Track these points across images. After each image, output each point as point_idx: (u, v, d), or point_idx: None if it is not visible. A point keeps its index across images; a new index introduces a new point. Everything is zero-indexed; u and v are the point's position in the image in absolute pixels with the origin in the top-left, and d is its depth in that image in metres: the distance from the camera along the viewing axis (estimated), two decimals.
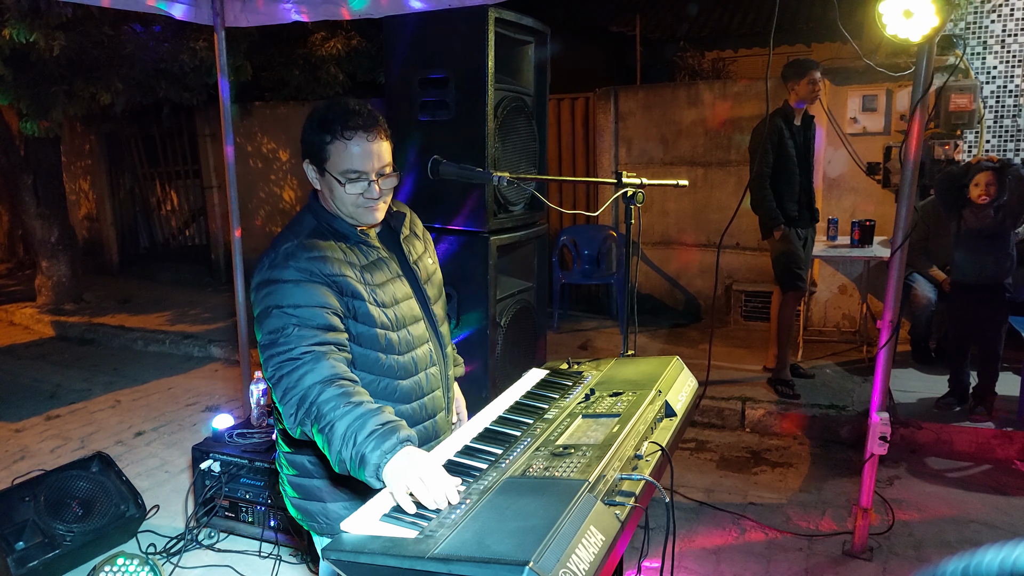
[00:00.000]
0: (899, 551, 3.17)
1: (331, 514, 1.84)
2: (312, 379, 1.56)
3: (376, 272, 1.79)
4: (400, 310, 1.81)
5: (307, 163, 1.77)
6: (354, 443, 1.48)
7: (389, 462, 1.44)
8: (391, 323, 1.78)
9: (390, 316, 1.77)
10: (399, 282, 1.84)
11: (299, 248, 1.70)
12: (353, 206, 1.75)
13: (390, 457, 1.45)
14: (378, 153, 1.72)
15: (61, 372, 6.07)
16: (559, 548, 1.16)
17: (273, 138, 8.37)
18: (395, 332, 1.79)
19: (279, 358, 1.60)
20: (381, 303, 1.76)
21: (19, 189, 7.32)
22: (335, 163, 1.71)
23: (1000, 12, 5.41)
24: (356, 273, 1.74)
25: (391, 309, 1.78)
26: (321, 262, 1.69)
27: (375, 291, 1.76)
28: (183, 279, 9.01)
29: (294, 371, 1.58)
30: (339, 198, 1.75)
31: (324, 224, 1.79)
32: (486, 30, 3.04)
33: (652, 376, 1.96)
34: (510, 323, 3.44)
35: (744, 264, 6.34)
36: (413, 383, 1.84)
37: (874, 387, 3.03)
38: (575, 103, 7.05)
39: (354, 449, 1.48)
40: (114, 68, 6.19)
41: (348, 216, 1.78)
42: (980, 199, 4.00)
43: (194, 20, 3.75)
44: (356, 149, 1.70)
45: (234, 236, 4.00)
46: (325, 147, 1.71)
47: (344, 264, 1.73)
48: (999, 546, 1.01)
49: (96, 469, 3.35)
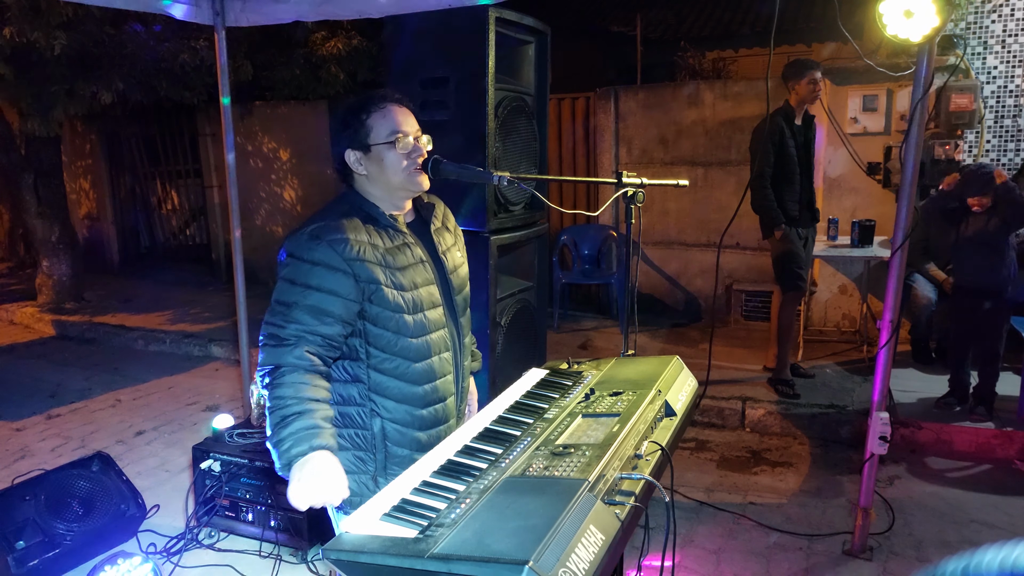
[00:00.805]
0: (899, 551, 3.17)
1: None
2: (291, 359, 1.71)
3: (399, 256, 1.84)
4: (419, 295, 1.85)
5: (348, 152, 1.84)
6: (281, 433, 1.66)
7: (297, 461, 1.63)
8: (407, 306, 1.82)
9: (407, 299, 1.83)
10: (422, 268, 1.88)
11: (324, 230, 1.76)
12: (405, 172, 1.83)
13: (298, 452, 1.63)
14: (411, 118, 1.87)
15: (62, 371, 6.07)
16: (559, 547, 1.16)
17: (274, 138, 8.36)
18: (411, 315, 1.83)
19: (272, 328, 1.75)
20: (400, 286, 1.81)
21: (20, 188, 7.32)
22: (380, 132, 1.82)
23: (1000, 12, 5.41)
24: (378, 255, 1.80)
25: (410, 293, 1.83)
26: (343, 244, 1.75)
27: (395, 274, 1.81)
28: (184, 278, 9.01)
29: (277, 347, 1.73)
30: (390, 166, 1.83)
31: (356, 207, 1.85)
32: (486, 30, 3.04)
33: (652, 376, 1.96)
34: (510, 323, 3.44)
35: (744, 264, 6.33)
36: (426, 366, 1.88)
37: (874, 387, 3.04)
38: (575, 103, 7.05)
39: (277, 439, 1.66)
40: (115, 67, 6.19)
41: (399, 187, 1.86)
42: (977, 208, 4.03)
43: (194, 20, 3.75)
44: (395, 114, 1.84)
45: (234, 236, 4.01)
46: (365, 124, 1.82)
47: (367, 246, 1.79)
48: (999, 546, 1.01)
49: (96, 468, 3.36)
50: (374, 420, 1.86)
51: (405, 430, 1.87)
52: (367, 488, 1.86)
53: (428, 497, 1.46)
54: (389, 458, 1.88)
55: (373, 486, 1.87)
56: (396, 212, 1.90)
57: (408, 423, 1.88)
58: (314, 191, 8.16)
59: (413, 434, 1.88)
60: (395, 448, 1.88)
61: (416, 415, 1.88)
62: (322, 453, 1.64)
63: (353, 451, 1.87)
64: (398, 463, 1.86)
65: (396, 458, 1.88)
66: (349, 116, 1.85)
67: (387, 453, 1.88)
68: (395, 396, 1.85)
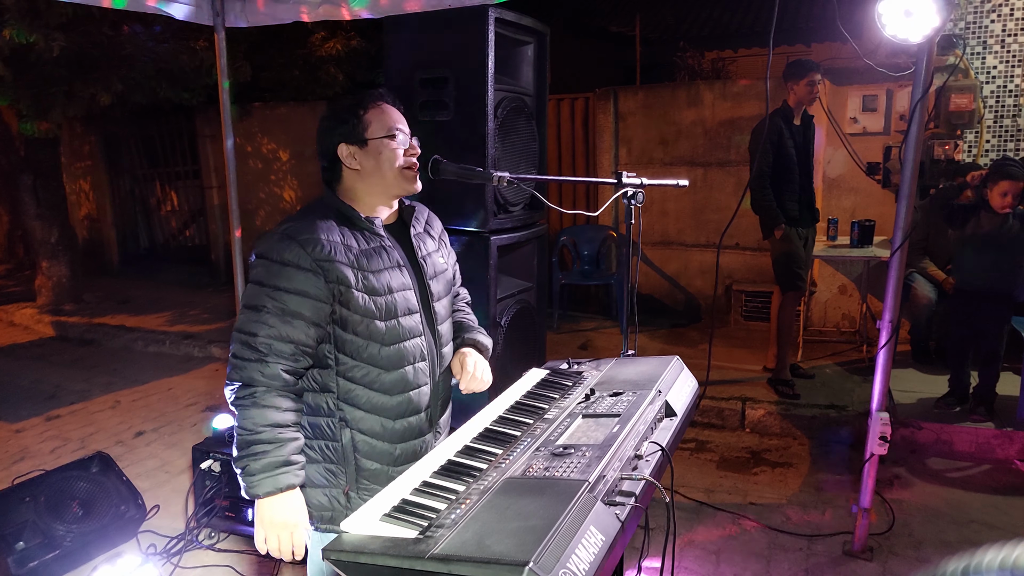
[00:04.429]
0: (899, 551, 3.17)
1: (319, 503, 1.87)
2: (260, 377, 1.67)
3: (374, 258, 1.78)
4: (393, 300, 1.79)
5: (342, 147, 1.81)
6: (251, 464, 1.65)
7: (263, 498, 1.65)
8: (379, 311, 1.76)
9: (379, 304, 1.77)
10: (398, 272, 1.82)
11: (296, 229, 1.73)
12: (399, 168, 1.82)
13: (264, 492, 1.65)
14: (404, 122, 1.88)
15: (61, 372, 6.07)
16: (559, 548, 1.16)
17: (273, 138, 8.36)
18: (383, 321, 1.77)
19: (242, 336, 1.70)
20: (372, 290, 1.75)
21: (19, 190, 7.32)
22: (377, 127, 1.81)
23: (1000, 12, 5.41)
24: (351, 257, 1.74)
25: (383, 297, 1.77)
26: (314, 244, 1.71)
27: (368, 277, 1.75)
28: (183, 279, 9.00)
29: (248, 361, 1.68)
30: (387, 160, 1.81)
31: (331, 209, 1.82)
32: (486, 30, 3.04)
33: (652, 376, 1.96)
34: (510, 323, 3.44)
35: (744, 264, 6.33)
36: (398, 375, 1.81)
37: (874, 387, 3.03)
38: (575, 103, 7.05)
39: (245, 468, 1.66)
40: (114, 68, 6.19)
41: (393, 183, 1.83)
42: (1003, 209, 3.96)
43: (194, 20, 3.75)
44: (391, 112, 1.85)
45: (234, 236, 4.00)
46: (361, 120, 1.81)
47: (340, 247, 1.74)
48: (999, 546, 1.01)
49: (96, 469, 3.35)
50: (344, 431, 1.79)
51: (376, 442, 1.81)
52: (338, 503, 1.81)
53: (428, 498, 1.45)
54: (360, 472, 1.81)
55: (345, 501, 1.81)
56: (376, 214, 1.85)
57: (379, 435, 1.81)
58: (313, 192, 8.15)
59: (384, 447, 1.82)
60: (366, 461, 1.81)
61: (388, 427, 1.81)
62: (290, 495, 1.67)
63: (324, 464, 1.81)
64: (370, 477, 1.81)
65: (367, 472, 1.82)
66: (344, 111, 1.83)
67: (358, 466, 1.81)
68: (365, 406, 1.79)
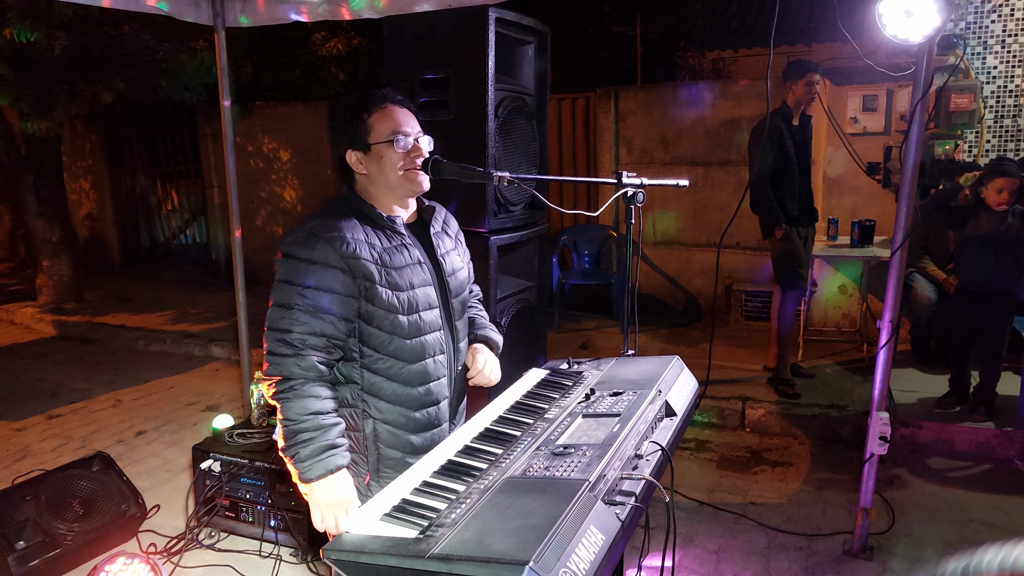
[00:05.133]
0: (899, 551, 3.17)
1: None
2: (297, 370, 1.72)
3: (396, 255, 1.83)
4: (415, 295, 1.85)
5: (349, 153, 1.84)
6: (299, 452, 1.70)
7: (315, 481, 1.69)
8: (402, 307, 1.82)
9: (402, 299, 1.82)
10: (419, 269, 1.87)
11: (321, 228, 1.76)
12: (403, 171, 1.83)
13: (316, 475, 1.69)
14: (412, 119, 1.88)
15: (62, 371, 6.07)
16: (559, 547, 1.17)
17: (274, 138, 8.36)
18: (406, 316, 1.82)
19: (276, 334, 1.73)
20: (395, 286, 1.81)
21: (20, 189, 7.32)
22: (381, 131, 1.82)
23: (1000, 12, 5.41)
24: (374, 254, 1.79)
25: (405, 293, 1.83)
26: (340, 242, 1.75)
27: (391, 273, 1.80)
28: (184, 278, 9.01)
29: (284, 356, 1.72)
30: (390, 164, 1.82)
31: (353, 208, 1.85)
32: (486, 30, 3.04)
33: (652, 376, 1.97)
34: (510, 323, 3.44)
35: (744, 264, 6.33)
36: (420, 368, 1.87)
37: (874, 387, 3.04)
38: (575, 103, 7.05)
39: (295, 456, 1.71)
40: (115, 68, 6.19)
41: (398, 186, 1.85)
42: (999, 206, 3.96)
43: (194, 20, 3.75)
44: (397, 114, 1.84)
45: (234, 236, 4.01)
46: (365, 123, 1.82)
47: (363, 244, 1.78)
48: (999, 546, 1.01)
49: (97, 468, 3.36)
50: (366, 421, 1.85)
51: (398, 432, 1.87)
52: (359, 492, 1.85)
53: (428, 497, 1.46)
54: (381, 461, 1.87)
55: (365, 490, 1.86)
56: (395, 214, 1.89)
57: (401, 425, 1.87)
58: (314, 191, 8.16)
59: (406, 437, 1.88)
60: (387, 450, 1.87)
61: (410, 417, 1.87)
62: (339, 475, 1.71)
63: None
64: (391, 466, 1.86)
65: (388, 461, 1.87)
66: (349, 114, 1.84)
67: (379, 455, 1.87)
68: (388, 397, 1.85)
